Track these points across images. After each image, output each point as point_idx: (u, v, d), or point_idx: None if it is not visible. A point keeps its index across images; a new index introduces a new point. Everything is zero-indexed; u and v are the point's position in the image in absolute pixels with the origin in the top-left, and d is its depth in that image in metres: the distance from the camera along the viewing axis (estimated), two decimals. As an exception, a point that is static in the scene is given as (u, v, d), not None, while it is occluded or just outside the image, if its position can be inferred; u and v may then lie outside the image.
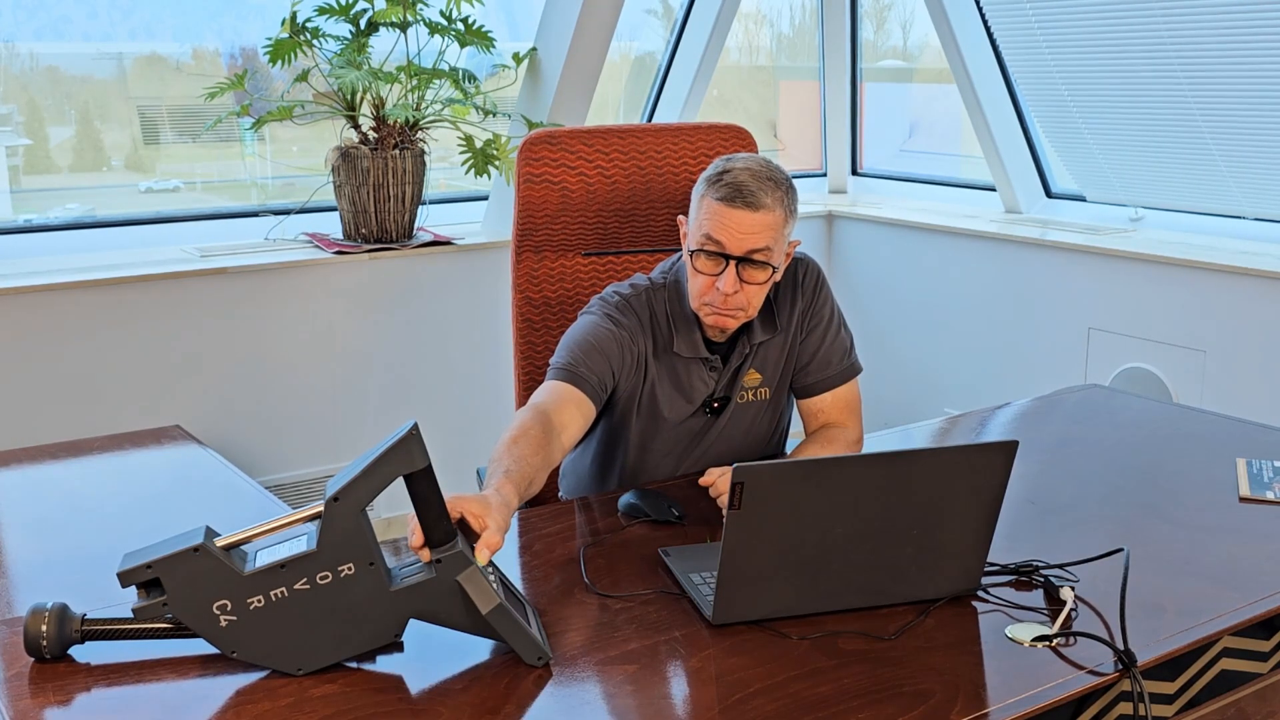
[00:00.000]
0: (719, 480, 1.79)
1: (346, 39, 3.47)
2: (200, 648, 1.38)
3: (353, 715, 1.29)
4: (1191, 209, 3.93)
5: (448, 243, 3.67)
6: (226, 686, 1.34)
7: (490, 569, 1.43)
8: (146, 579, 1.34)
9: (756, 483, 1.41)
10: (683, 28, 4.33)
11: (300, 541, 1.36)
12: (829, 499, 1.46)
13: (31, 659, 1.39)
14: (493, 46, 3.61)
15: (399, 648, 1.42)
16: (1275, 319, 3.35)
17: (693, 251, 1.89)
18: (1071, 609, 1.52)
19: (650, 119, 4.44)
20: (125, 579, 1.34)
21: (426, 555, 1.37)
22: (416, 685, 1.36)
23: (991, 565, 1.61)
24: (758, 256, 1.85)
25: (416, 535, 1.38)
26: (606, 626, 1.49)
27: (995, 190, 4.45)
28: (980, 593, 1.57)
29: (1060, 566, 1.63)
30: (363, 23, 3.47)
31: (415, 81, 3.48)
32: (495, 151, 3.52)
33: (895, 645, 1.44)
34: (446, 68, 3.56)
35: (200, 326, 3.34)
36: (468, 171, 3.54)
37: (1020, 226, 4.11)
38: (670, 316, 1.97)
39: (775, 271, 1.90)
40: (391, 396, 3.64)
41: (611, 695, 1.35)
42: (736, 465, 1.40)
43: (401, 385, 3.66)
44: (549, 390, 1.87)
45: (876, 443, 2.27)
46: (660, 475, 2.05)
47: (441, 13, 3.53)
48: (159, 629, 1.38)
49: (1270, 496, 1.92)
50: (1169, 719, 1.48)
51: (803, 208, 4.63)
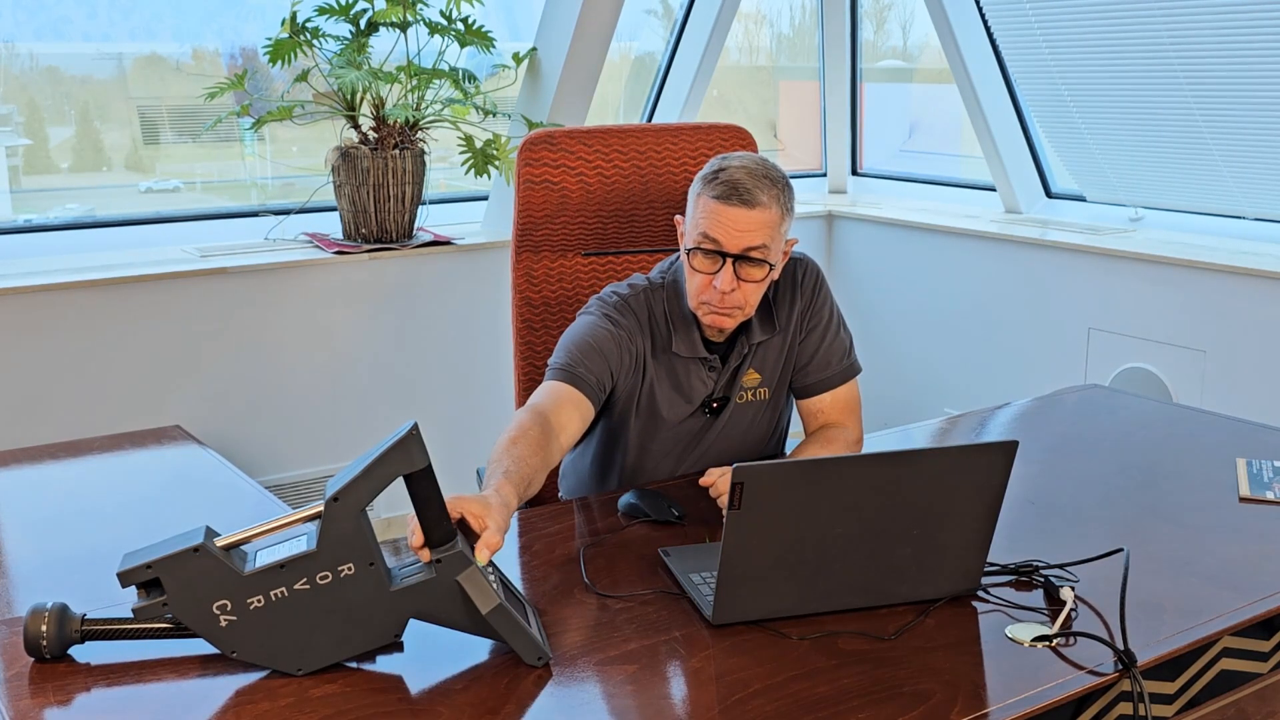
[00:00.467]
0: (719, 480, 1.78)
1: (346, 39, 3.47)
2: (200, 648, 1.38)
3: (353, 715, 1.29)
4: (1191, 209, 3.93)
5: (448, 243, 3.67)
6: (226, 686, 1.34)
7: (490, 569, 1.43)
8: (146, 579, 1.34)
9: (756, 483, 1.41)
10: (683, 28, 4.33)
11: (300, 542, 1.36)
12: (829, 499, 1.46)
13: (31, 659, 1.39)
14: (493, 46, 3.61)
15: (399, 648, 1.42)
16: (1275, 319, 3.34)
17: (689, 250, 1.89)
18: (1071, 609, 1.52)
19: (650, 119, 4.44)
20: (125, 579, 1.34)
21: (426, 555, 1.37)
22: (416, 685, 1.36)
23: (991, 565, 1.61)
24: (754, 254, 1.85)
25: (416, 535, 1.38)
26: (606, 626, 1.49)
27: (995, 190, 4.45)
28: (980, 593, 1.57)
29: (1060, 566, 1.63)
30: (363, 23, 3.47)
31: (415, 81, 3.48)
32: (495, 151, 3.52)
33: (895, 645, 1.44)
34: (446, 68, 3.56)
35: (200, 326, 3.34)
36: (467, 172, 3.54)
37: (1020, 226, 4.11)
38: (669, 316, 1.98)
39: (772, 269, 1.90)
40: (391, 396, 3.64)
41: (611, 695, 1.35)
42: (736, 465, 1.40)
43: (401, 385, 3.66)
44: (547, 391, 1.87)
45: (876, 443, 2.27)
46: (660, 475, 2.05)
47: (441, 13, 3.53)
48: (159, 629, 1.38)
49: (1270, 496, 1.92)
50: (1169, 719, 1.48)
51: (802, 208, 4.67)
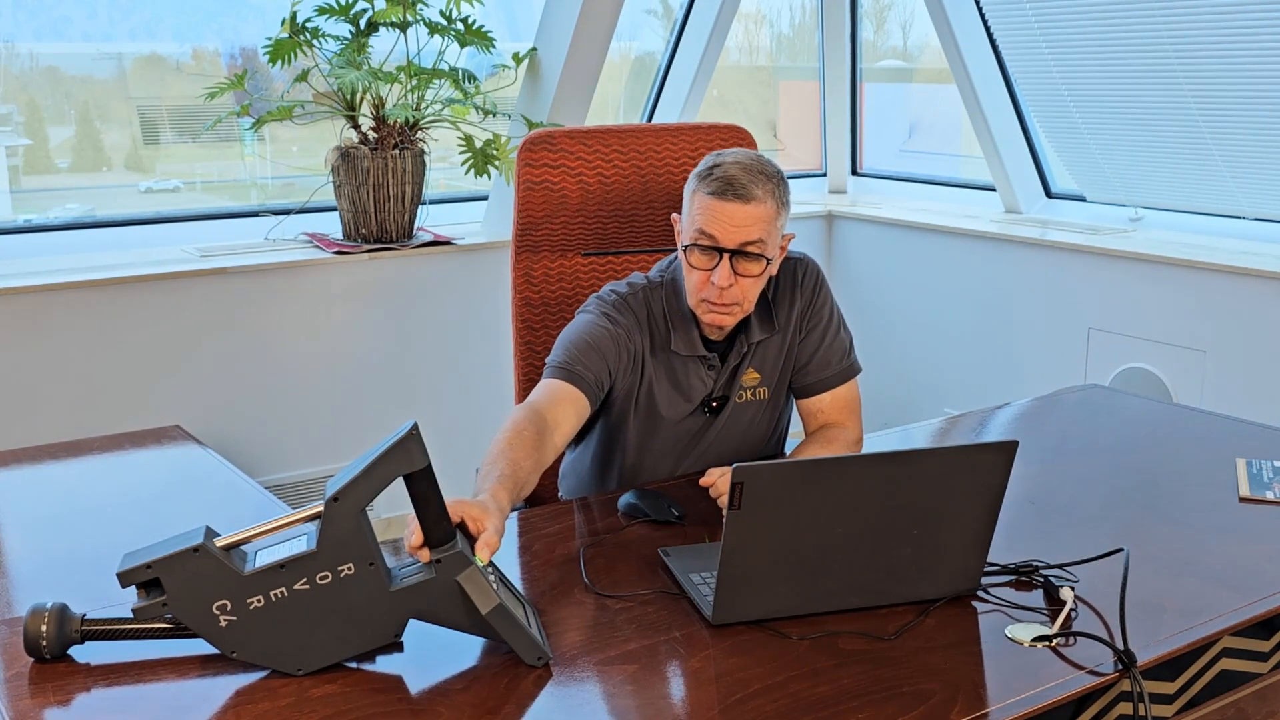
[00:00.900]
0: (719, 480, 1.78)
1: (346, 39, 3.47)
2: (200, 648, 1.38)
3: (352, 715, 1.29)
4: (1191, 209, 3.93)
5: (447, 243, 3.67)
6: (226, 687, 1.34)
7: (490, 569, 1.43)
8: (146, 579, 1.34)
9: (756, 483, 1.41)
10: (682, 28, 4.33)
11: (300, 542, 1.36)
12: (829, 499, 1.46)
13: (31, 659, 1.39)
14: (492, 46, 3.61)
15: (399, 648, 1.42)
16: (1275, 319, 3.34)
17: (686, 247, 1.89)
18: (1071, 609, 1.52)
19: (650, 119, 4.44)
20: (125, 579, 1.34)
21: (425, 556, 1.37)
22: (416, 685, 1.36)
23: (991, 565, 1.61)
24: (751, 249, 1.86)
25: (415, 535, 1.38)
26: (606, 626, 1.49)
27: (995, 190, 4.45)
28: (980, 593, 1.57)
29: (1060, 566, 1.63)
30: (362, 23, 3.47)
31: (415, 81, 3.48)
32: (495, 151, 3.52)
33: (895, 645, 1.44)
34: (446, 68, 3.56)
35: (200, 326, 3.34)
36: (467, 172, 3.54)
37: (1020, 226, 4.11)
38: (668, 315, 1.98)
39: (769, 264, 1.90)
40: (391, 396, 3.64)
41: (611, 695, 1.35)
42: (736, 465, 1.40)
43: (401, 385, 3.66)
44: (544, 389, 1.87)
45: (876, 443, 2.27)
46: (659, 474, 2.05)
47: (441, 13, 3.53)
48: (159, 629, 1.38)
49: (1270, 496, 1.92)
50: (1169, 719, 1.48)
51: (802, 208, 4.67)
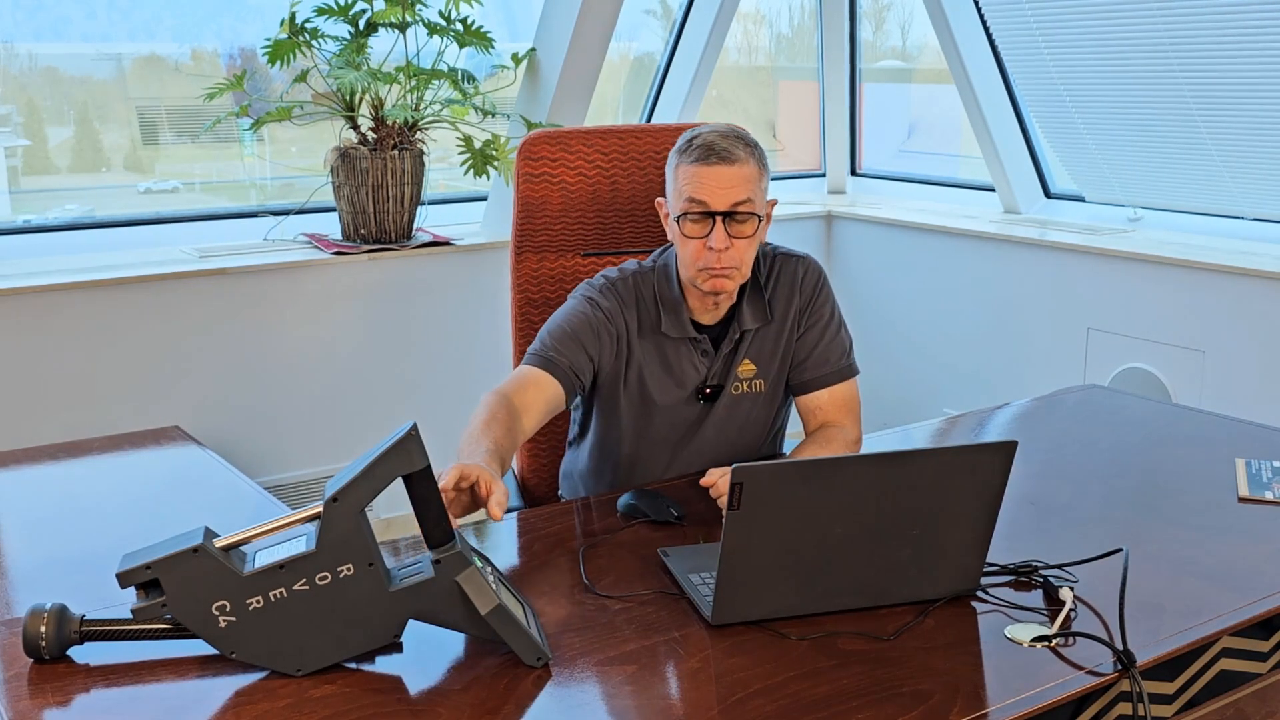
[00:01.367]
0: (719, 481, 1.79)
1: (345, 39, 3.47)
2: (199, 648, 1.38)
3: (352, 716, 1.28)
4: (1190, 209, 3.93)
5: (447, 243, 3.67)
6: (226, 687, 1.34)
7: (490, 569, 1.43)
8: (145, 579, 1.33)
9: (756, 483, 1.41)
10: (682, 28, 4.33)
11: (299, 542, 1.36)
12: (828, 499, 1.46)
13: (30, 660, 1.39)
14: (492, 47, 3.61)
15: (398, 648, 1.42)
16: (1274, 319, 3.35)
17: (679, 218, 1.92)
18: (1071, 609, 1.52)
19: (649, 119, 4.44)
20: (124, 580, 1.34)
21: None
22: (416, 686, 1.35)
23: (991, 565, 1.61)
24: (742, 209, 1.89)
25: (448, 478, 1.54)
26: (606, 627, 1.48)
27: (994, 190, 4.45)
28: (979, 593, 1.57)
29: (1059, 567, 1.63)
30: (361, 23, 3.47)
31: (414, 82, 3.47)
32: (494, 152, 3.52)
33: (894, 645, 1.44)
34: (445, 68, 3.56)
35: (199, 327, 3.33)
36: (466, 172, 3.54)
37: (1019, 227, 4.11)
38: (658, 298, 2.01)
39: (760, 224, 1.93)
40: (391, 397, 3.64)
41: (611, 696, 1.35)
42: (736, 465, 1.40)
43: (401, 385, 3.66)
44: (515, 375, 1.93)
45: (876, 443, 2.27)
46: (658, 466, 2.06)
47: (440, 13, 3.52)
48: (158, 630, 1.38)
49: (1269, 496, 1.92)
50: (1168, 719, 1.48)
51: (801, 208, 4.67)
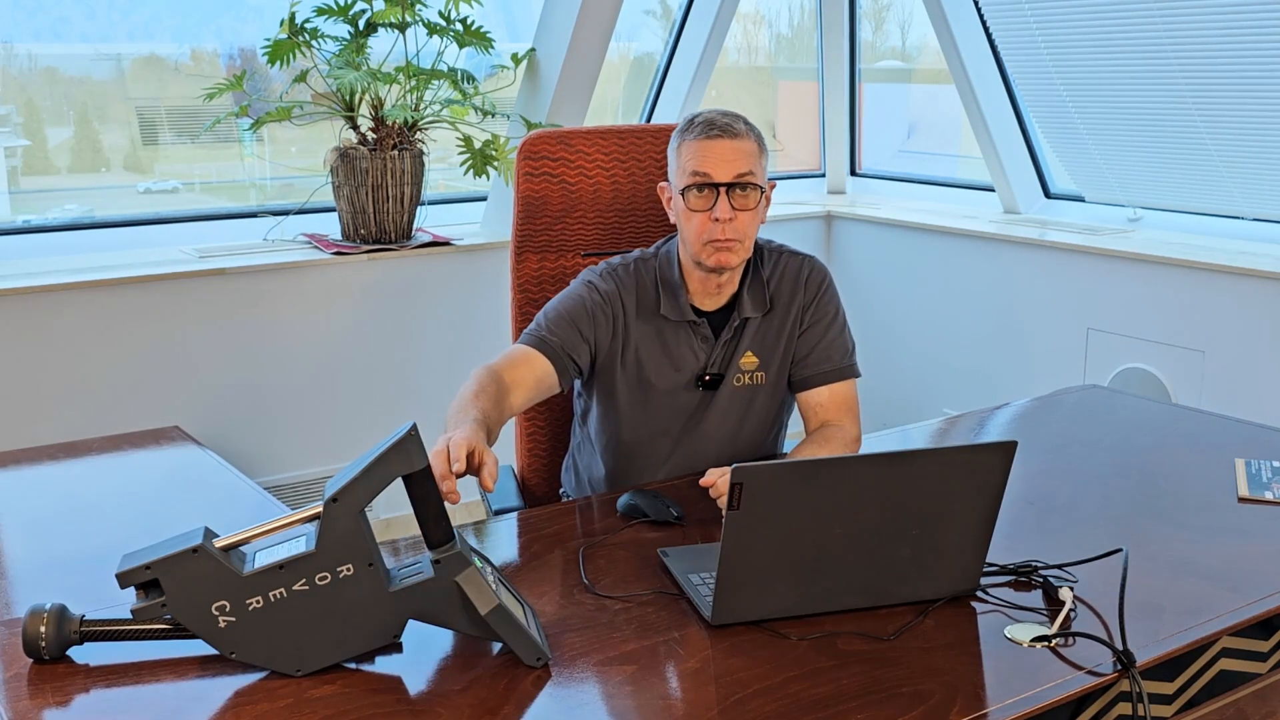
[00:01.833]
0: (719, 481, 1.79)
1: (345, 40, 3.47)
2: (199, 649, 1.38)
3: (352, 716, 1.28)
4: (1190, 209, 3.93)
5: (447, 243, 3.67)
6: (225, 687, 1.34)
7: (490, 569, 1.43)
8: (145, 580, 1.33)
9: (755, 483, 1.41)
10: (681, 28, 4.33)
11: (299, 542, 1.36)
12: (828, 499, 1.46)
13: (30, 660, 1.39)
14: (491, 47, 3.61)
15: (398, 648, 1.42)
16: (1274, 319, 3.35)
17: (683, 191, 1.95)
18: (1070, 609, 1.52)
19: (649, 119, 4.44)
20: (124, 580, 1.34)
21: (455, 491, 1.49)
22: (415, 686, 1.35)
23: (990, 565, 1.61)
24: (746, 180, 1.92)
25: (460, 463, 1.58)
26: (605, 627, 1.49)
27: (994, 191, 4.45)
28: (979, 593, 1.57)
29: (1059, 567, 1.63)
30: (361, 23, 3.47)
31: (414, 82, 3.47)
32: (494, 152, 3.52)
33: (894, 646, 1.44)
34: (445, 68, 3.56)
35: (199, 327, 3.33)
36: (466, 172, 3.54)
37: (1019, 227, 4.11)
38: (659, 283, 2.03)
39: (763, 195, 1.96)
40: (390, 397, 3.64)
41: (610, 696, 1.35)
42: (736, 466, 1.40)
43: (400, 386, 3.66)
44: (507, 352, 1.97)
45: (876, 443, 2.27)
46: (658, 456, 2.07)
47: (440, 13, 3.52)
48: (158, 630, 1.38)
49: (1269, 496, 1.92)
50: (1168, 719, 1.48)
51: (801, 208, 4.67)
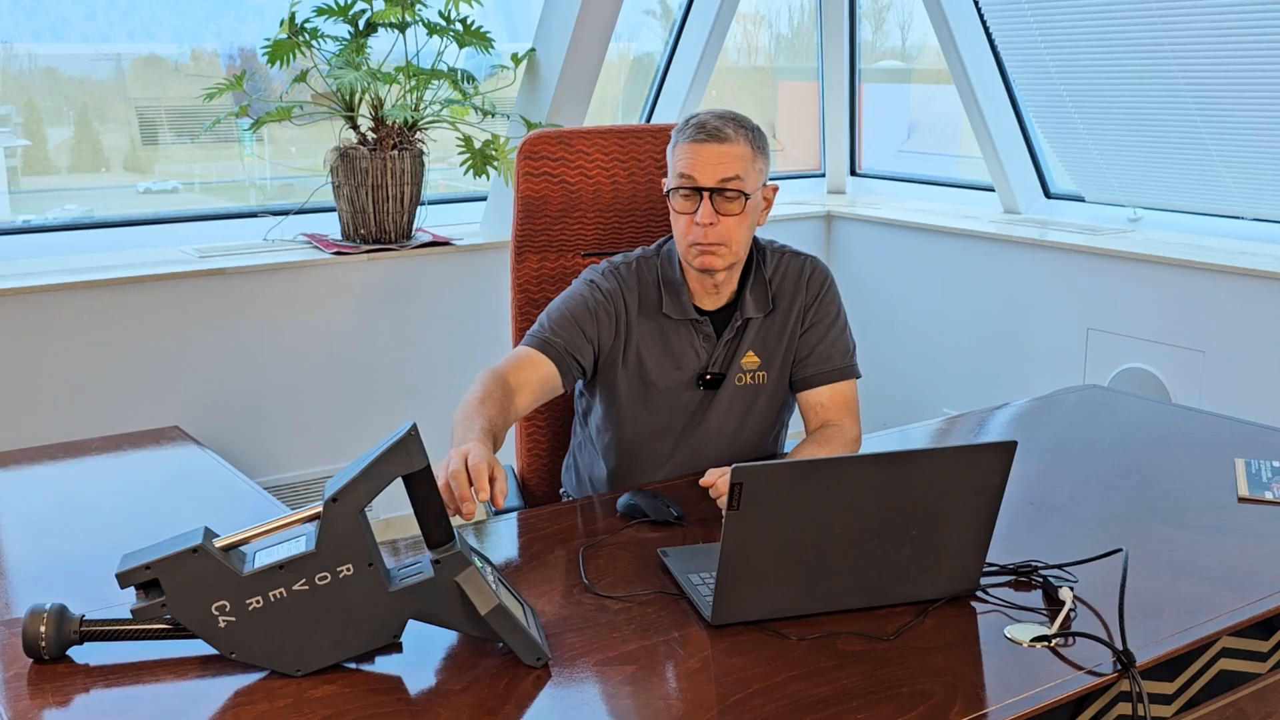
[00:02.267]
0: (718, 481, 1.79)
1: (345, 40, 3.47)
2: (199, 649, 1.38)
3: (351, 716, 1.28)
4: (1190, 209, 3.93)
5: (446, 243, 3.67)
6: (225, 687, 1.34)
7: (490, 569, 1.43)
8: (145, 580, 1.33)
9: (755, 483, 1.41)
10: (681, 28, 4.33)
11: (299, 542, 1.36)
12: (828, 499, 1.46)
13: (30, 660, 1.39)
14: (491, 47, 3.61)
15: (398, 648, 1.42)
16: (1274, 319, 3.35)
17: (669, 194, 1.97)
18: (1070, 609, 1.52)
19: (649, 119, 4.44)
20: (124, 580, 1.34)
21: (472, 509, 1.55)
22: (415, 686, 1.35)
23: (990, 565, 1.61)
24: (730, 185, 1.91)
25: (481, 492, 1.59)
26: (605, 627, 1.49)
27: (994, 191, 4.45)
28: (979, 593, 1.57)
29: (1059, 567, 1.63)
30: (361, 23, 3.47)
31: (414, 82, 3.47)
32: (494, 152, 3.52)
33: (894, 646, 1.44)
34: (445, 68, 3.56)
35: (199, 327, 3.33)
36: (466, 172, 3.54)
37: (1019, 227, 4.11)
38: (661, 280, 2.04)
39: (749, 202, 1.94)
40: (390, 397, 3.64)
41: (610, 696, 1.35)
42: (735, 466, 1.40)
43: (400, 386, 3.66)
44: (512, 354, 1.98)
45: (876, 443, 2.27)
46: (660, 455, 2.07)
47: (440, 13, 3.52)
48: (158, 630, 1.38)
49: (1269, 497, 1.92)
50: (1168, 719, 1.48)
51: (801, 208, 4.66)
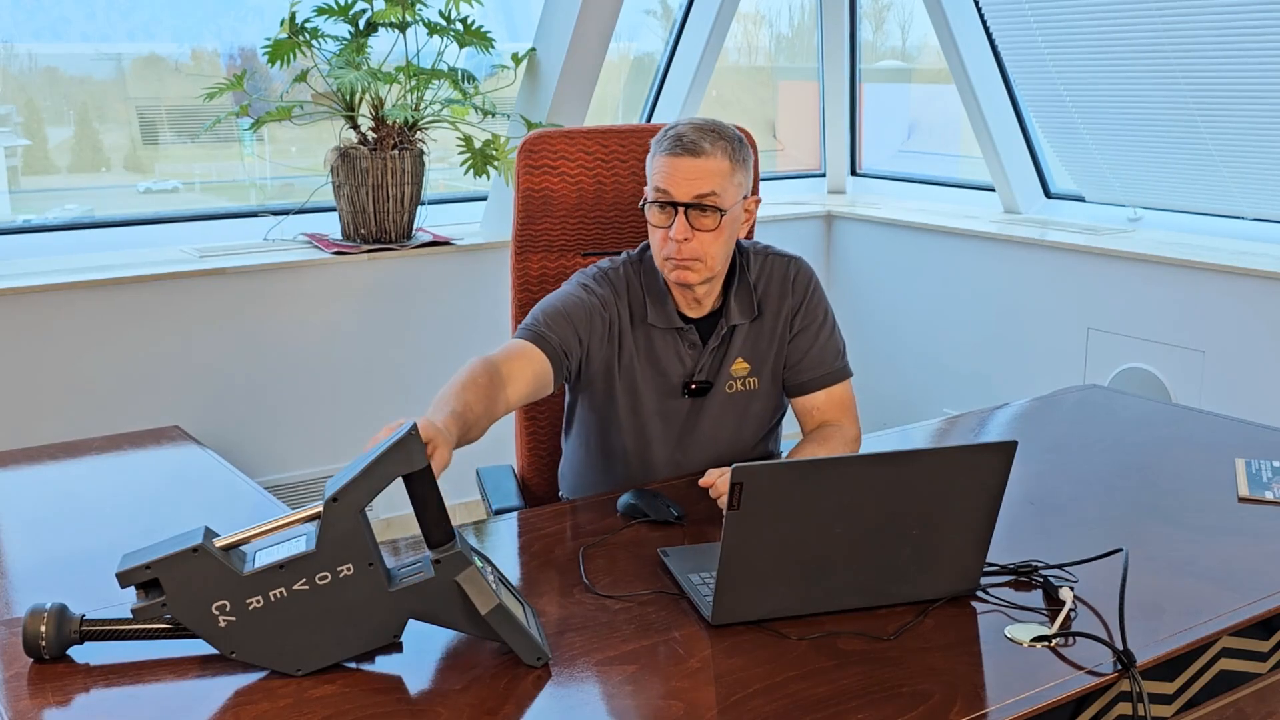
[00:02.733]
0: (718, 481, 1.79)
1: (345, 39, 3.47)
2: (199, 648, 1.38)
3: (351, 716, 1.28)
4: (1190, 209, 3.93)
5: (447, 243, 3.67)
6: (225, 687, 1.34)
7: (490, 569, 1.43)
8: (145, 579, 1.33)
9: (755, 483, 1.41)
10: (681, 28, 4.33)
11: (299, 542, 1.36)
12: (828, 499, 1.46)
13: (30, 659, 1.39)
14: (491, 47, 3.61)
15: (398, 648, 1.42)
16: (1274, 319, 3.35)
17: (645, 206, 1.95)
18: (1070, 609, 1.52)
19: (649, 119, 4.44)
20: (124, 579, 1.34)
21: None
22: (415, 686, 1.36)
23: (990, 565, 1.61)
24: (706, 201, 1.89)
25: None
26: (606, 627, 1.49)
27: (994, 190, 4.45)
28: (979, 593, 1.57)
29: (1059, 567, 1.63)
30: (361, 23, 3.47)
31: (414, 82, 3.47)
32: (494, 152, 3.52)
33: (894, 646, 1.44)
34: (445, 68, 3.56)
35: (199, 327, 3.33)
36: (466, 172, 3.54)
37: (1019, 227, 4.11)
38: (645, 289, 2.02)
39: (724, 217, 1.91)
40: (390, 397, 3.64)
41: (610, 696, 1.35)
42: (735, 465, 1.40)
43: (400, 386, 3.66)
44: (506, 346, 1.92)
45: (876, 443, 2.27)
46: (658, 461, 2.06)
47: (440, 13, 3.52)
48: (158, 629, 1.38)
49: (1269, 496, 1.92)
50: (1168, 719, 1.48)
51: (801, 208, 4.66)
